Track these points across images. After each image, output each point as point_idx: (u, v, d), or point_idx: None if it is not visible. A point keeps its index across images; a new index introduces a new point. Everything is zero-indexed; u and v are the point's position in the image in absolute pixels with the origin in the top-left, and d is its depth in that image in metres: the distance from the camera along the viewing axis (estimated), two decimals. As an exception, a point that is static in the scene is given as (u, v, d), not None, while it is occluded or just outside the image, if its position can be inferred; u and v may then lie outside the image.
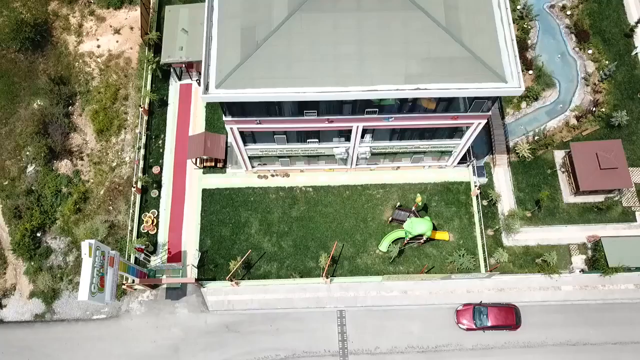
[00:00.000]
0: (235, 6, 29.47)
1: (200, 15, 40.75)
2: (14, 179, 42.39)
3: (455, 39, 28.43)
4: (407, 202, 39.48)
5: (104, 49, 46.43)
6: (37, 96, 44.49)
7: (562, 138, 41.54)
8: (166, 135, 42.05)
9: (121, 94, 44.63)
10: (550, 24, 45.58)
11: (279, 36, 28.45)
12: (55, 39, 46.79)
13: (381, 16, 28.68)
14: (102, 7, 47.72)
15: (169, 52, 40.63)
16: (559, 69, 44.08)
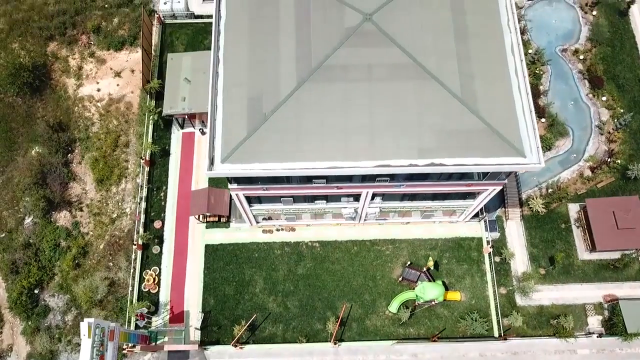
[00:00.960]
0: (241, 74, 28.25)
1: (203, 63, 39.85)
2: (11, 231, 41.14)
3: (471, 110, 27.20)
4: (418, 259, 38.22)
5: (104, 93, 45.23)
6: (35, 143, 43.28)
7: (576, 190, 40.28)
8: (168, 187, 40.81)
9: (122, 140, 43.40)
10: (562, 68, 44.37)
11: (287, 108, 27.23)
12: (54, 82, 45.60)
13: (393, 86, 27.47)
14: (102, 48, 46.55)
15: (171, 103, 39.43)
16: (571, 116, 42.87)
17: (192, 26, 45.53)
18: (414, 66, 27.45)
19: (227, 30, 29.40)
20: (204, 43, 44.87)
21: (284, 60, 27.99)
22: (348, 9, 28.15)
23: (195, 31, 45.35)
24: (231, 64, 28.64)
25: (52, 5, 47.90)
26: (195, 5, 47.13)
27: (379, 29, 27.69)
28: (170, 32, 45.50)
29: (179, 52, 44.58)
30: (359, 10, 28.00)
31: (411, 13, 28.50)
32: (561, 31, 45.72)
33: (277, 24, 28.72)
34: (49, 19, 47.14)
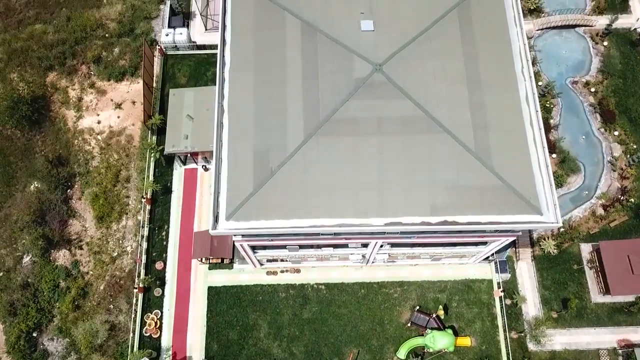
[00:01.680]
0: (246, 126, 27.27)
1: (206, 99, 38.99)
2: (9, 270, 40.15)
3: (485, 165, 26.22)
4: (426, 302, 37.22)
5: (104, 125, 44.24)
6: (34, 178, 42.29)
7: (588, 229, 39.26)
8: (170, 226, 39.79)
9: (122, 175, 42.41)
10: (573, 101, 43.37)
11: (295, 163, 26.25)
12: (53, 114, 44.63)
13: (404, 140, 26.49)
14: (102, 79, 45.56)
15: (173, 142, 38.46)
16: (583, 151, 41.88)
17: (195, 57, 44.56)
18: (426, 119, 26.47)
19: (231, 78, 28.43)
20: (207, 75, 43.92)
21: (291, 112, 27.02)
22: (357, 58, 27.17)
23: (198, 62, 44.38)
24: (236, 115, 27.66)
25: (52, 34, 46.91)
26: (197, 35, 46.21)
27: (389, 80, 26.70)
28: (172, 64, 44.53)
29: (181, 84, 43.67)
30: (369, 60, 27.01)
31: (423, 62, 27.54)
32: (571, 62, 44.74)
33: (284, 72, 27.76)
34: (49, 48, 46.16)
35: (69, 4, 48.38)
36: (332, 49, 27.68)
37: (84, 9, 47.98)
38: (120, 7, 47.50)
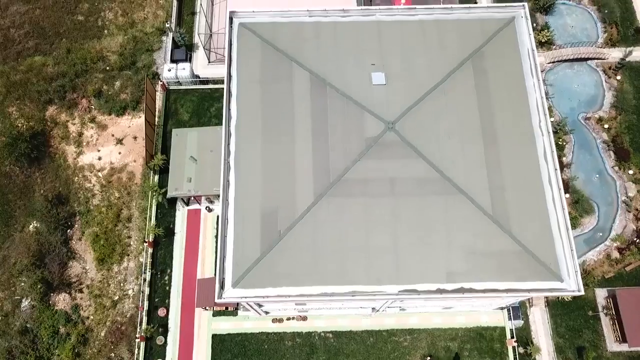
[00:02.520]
0: (254, 185, 26.21)
1: (209, 140, 37.99)
2: (8, 314, 39.04)
3: (503, 228, 25.15)
4: (437, 351, 36.10)
5: (105, 162, 43.16)
6: (33, 217, 41.22)
7: (603, 274, 38.15)
8: (173, 270, 38.69)
9: (124, 214, 41.32)
10: (586, 137, 42.29)
11: (304, 225, 25.19)
12: (53, 150, 43.56)
13: (419, 202, 25.44)
14: (103, 113, 44.52)
15: (176, 185, 37.41)
16: (596, 189, 40.79)
17: (198, 92, 43.52)
18: (441, 180, 25.42)
19: (238, 133, 27.37)
20: (210, 111, 42.86)
21: (300, 171, 25.98)
22: (368, 115, 26.14)
23: (201, 98, 43.33)
24: (243, 173, 26.60)
25: (52, 66, 45.89)
26: (200, 68, 45.20)
27: (402, 139, 25.65)
28: (174, 99, 43.49)
29: (183, 120, 42.65)
30: (381, 117, 25.96)
31: (437, 118, 26.50)
32: (584, 97, 43.67)
33: (293, 129, 26.73)
34: (48, 81, 45.13)
35: (69, 34, 47.39)
36: (342, 105, 26.66)
37: (84, 40, 46.99)
38: (121, 39, 46.48)
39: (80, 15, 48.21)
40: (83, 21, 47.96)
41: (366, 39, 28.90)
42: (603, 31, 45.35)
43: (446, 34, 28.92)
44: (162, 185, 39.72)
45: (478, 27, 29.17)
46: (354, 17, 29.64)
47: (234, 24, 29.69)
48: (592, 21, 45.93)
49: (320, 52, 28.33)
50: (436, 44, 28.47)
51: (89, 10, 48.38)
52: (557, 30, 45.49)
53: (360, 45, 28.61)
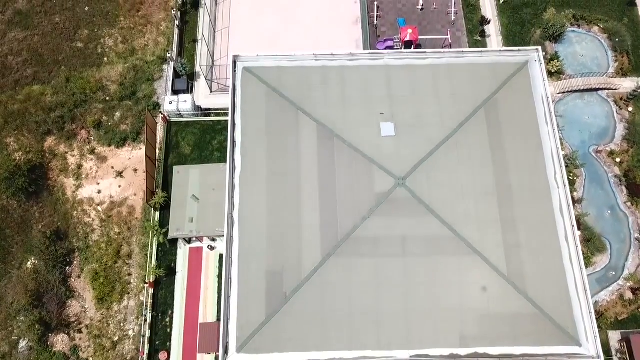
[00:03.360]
0: (259, 243, 25.31)
1: (212, 178, 37.04)
2: (5, 356, 38.04)
3: (518, 290, 24.20)
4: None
5: (105, 195, 42.17)
6: (31, 254, 40.23)
7: (616, 315, 37.11)
8: (174, 311, 37.63)
9: (124, 251, 40.32)
10: (597, 171, 41.28)
11: (311, 287, 24.24)
12: (52, 183, 42.56)
13: (431, 262, 24.51)
14: (103, 144, 43.53)
15: (177, 225, 36.44)
16: (608, 226, 39.77)
17: (200, 124, 42.50)
18: (454, 239, 24.47)
19: (242, 185, 26.43)
20: (212, 144, 41.81)
21: (307, 228, 25.09)
22: (378, 170, 25.19)
23: (203, 130, 42.32)
24: (247, 228, 25.70)
25: (50, 96, 44.93)
26: (202, 98, 44.20)
27: (413, 195, 24.68)
28: (176, 131, 42.46)
29: (185, 154, 41.65)
30: (390, 172, 25.01)
31: (449, 173, 25.55)
32: (595, 129, 42.66)
33: (299, 183, 25.82)
34: (47, 112, 44.16)
35: (68, 62, 46.45)
36: (350, 158, 25.72)
37: (83, 68, 46.03)
38: (121, 67, 45.52)
39: (80, 42, 47.28)
40: (82, 48, 47.02)
41: (374, 84, 27.95)
42: (614, 60, 44.37)
43: (457, 79, 27.99)
44: (163, 224, 38.73)
45: (490, 72, 28.23)
46: (362, 60, 28.68)
47: (238, 68, 28.75)
48: (602, 50, 44.94)
49: (327, 99, 27.38)
50: (447, 91, 27.52)
51: (89, 37, 47.44)
52: (567, 59, 44.51)
53: (368, 92, 27.68)
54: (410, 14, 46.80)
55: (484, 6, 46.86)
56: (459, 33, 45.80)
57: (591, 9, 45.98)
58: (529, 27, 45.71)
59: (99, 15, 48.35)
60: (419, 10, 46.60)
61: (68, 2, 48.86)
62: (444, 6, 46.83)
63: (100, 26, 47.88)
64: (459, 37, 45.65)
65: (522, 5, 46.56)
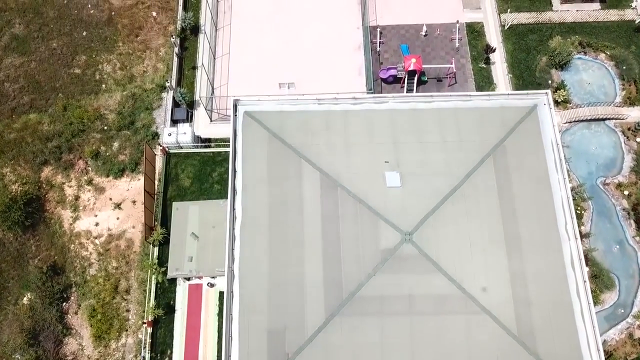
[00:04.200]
0: (260, 299, 24.50)
1: (211, 215, 36.31)
2: (0, 396, 37.31)
3: (528, 350, 23.43)
4: None
5: (102, 228, 41.36)
6: (27, 289, 39.42)
7: (625, 355, 36.33)
8: (173, 351, 36.75)
9: (122, 286, 39.51)
10: (605, 204, 40.48)
11: (315, 348, 23.43)
12: (48, 215, 41.75)
13: (438, 322, 23.74)
14: (101, 175, 42.74)
15: (176, 264, 35.64)
16: (617, 261, 38.96)
17: (199, 156, 41.67)
18: (462, 297, 23.71)
19: (243, 238, 25.59)
20: (212, 176, 41.01)
21: (310, 285, 24.31)
22: (383, 224, 24.39)
23: (203, 162, 41.49)
24: (248, 284, 24.89)
25: (47, 124, 44.18)
26: (202, 127, 43.42)
27: (420, 251, 23.87)
28: (175, 163, 41.62)
29: (184, 186, 40.83)
30: (397, 227, 24.20)
31: (457, 226, 24.75)
32: (602, 160, 41.85)
33: (302, 236, 25.04)
34: (44, 141, 43.39)
35: (66, 89, 45.67)
36: (355, 210, 24.91)
37: (81, 96, 45.24)
38: (119, 96, 44.74)
39: (77, 69, 46.49)
40: (80, 75, 46.24)
41: (379, 129, 27.18)
42: (621, 89, 43.60)
43: (464, 124, 27.20)
44: (162, 260, 37.90)
45: (498, 117, 27.43)
46: (366, 104, 27.87)
47: (239, 112, 27.98)
48: (609, 77, 44.16)
49: (330, 146, 26.58)
50: (454, 137, 26.73)
51: (86, 63, 46.66)
52: (573, 87, 43.72)
53: (372, 138, 26.90)
54: (414, 39, 45.98)
55: (489, 32, 46.05)
56: (463, 60, 45.00)
57: (598, 36, 45.18)
58: (534, 54, 44.90)
59: (97, 40, 47.58)
60: (423, 36, 45.75)
61: (65, 27, 48.09)
62: (447, 32, 46.00)
63: (98, 52, 47.09)
64: (464, 64, 44.86)
65: (528, 31, 45.77)
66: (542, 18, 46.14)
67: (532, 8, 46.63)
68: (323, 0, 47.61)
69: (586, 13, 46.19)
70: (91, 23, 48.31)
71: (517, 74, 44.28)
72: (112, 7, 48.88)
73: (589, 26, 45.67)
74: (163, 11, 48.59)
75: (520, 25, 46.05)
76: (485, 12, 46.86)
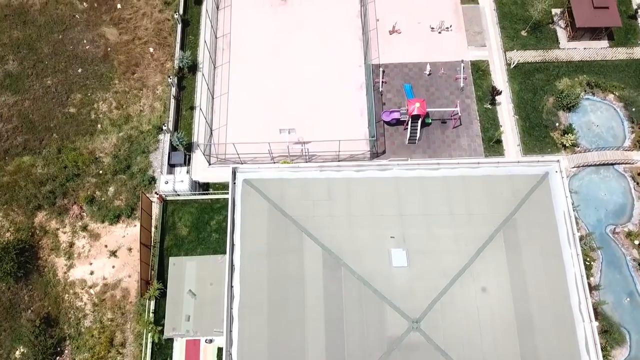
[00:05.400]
0: (260, 359, 23.24)
1: (209, 271, 35.21)
2: None
3: None
4: None
5: (97, 277, 40.18)
6: (19, 342, 38.26)
7: (637, 415, 35.22)
8: (170, 412, 35.73)
9: (117, 339, 38.34)
10: (614, 253, 39.33)
11: None
12: (42, 263, 40.57)
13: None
14: (96, 220, 41.55)
15: (173, 324, 34.54)
16: (627, 315, 37.81)
17: (197, 203, 40.52)
18: (473, 389, 22.46)
19: (241, 318, 24.44)
20: (210, 224, 39.85)
21: (312, 373, 23.02)
22: (389, 309, 23.24)
23: (201, 209, 40.32)
24: (247, 369, 23.67)
25: (41, 167, 42.99)
26: (199, 171, 42.27)
27: (428, 340, 22.73)
28: (172, 211, 40.48)
29: (182, 235, 39.69)
30: (404, 313, 23.10)
31: (466, 309, 23.71)
32: (611, 206, 40.70)
33: (303, 318, 24.00)
34: (37, 185, 42.19)
35: (60, 129, 44.48)
36: (359, 292, 23.84)
37: (76, 136, 44.05)
38: (115, 138, 43.55)
39: (72, 108, 45.30)
40: (75, 114, 45.05)
41: (383, 200, 26.05)
42: (630, 131, 42.50)
43: (473, 194, 26.06)
44: (158, 314, 36.75)
45: (508, 186, 26.31)
46: (370, 171, 26.70)
47: (238, 180, 26.84)
48: (618, 119, 43.06)
49: (333, 218, 25.45)
50: (462, 209, 25.61)
51: (82, 101, 45.47)
52: (581, 129, 42.60)
53: (377, 209, 25.78)
54: (417, 78, 44.84)
55: (494, 71, 44.92)
56: (469, 100, 43.87)
57: (606, 75, 44.07)
58: (541, 94, 43.78)
59: (93, 77, 46.40)
60: (426, 75, 44.61)
61: (60, 63, 46.91)
62: (452, 71, 44.88)
63: (93, 90, 45.91)
64: (469, 104, 43.72)
65: (534, 70, 44.62)
66: (548, 56, 45.00)
67: (538, 45, 45.48)
68: (324, 37, 46.49)
69: (594, 51, 45.07)
70: (87, 59, 47.11)
71: (524, 116, 43.15)
72: (108, 43, 47.68)
73: (597, 65, 44.56)
74: (160, 47, 47.39)
75: (527, 64, 44.92)
76: (490, 50, 45.75)
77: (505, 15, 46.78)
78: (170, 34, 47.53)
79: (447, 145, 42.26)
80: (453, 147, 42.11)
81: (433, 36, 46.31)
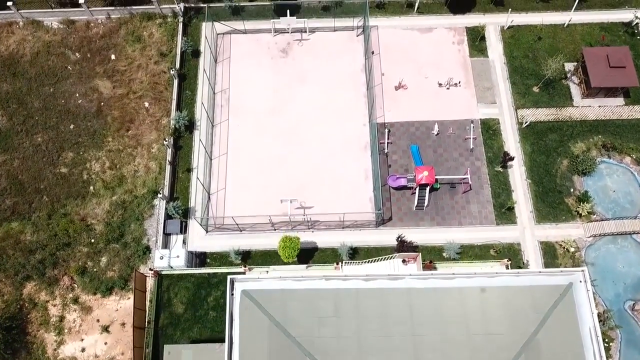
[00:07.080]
0: None
1: None
2: None
3: None
4: None
5: (89, 354, 38.20)
6: None
7: None
8: None
9: None
10: (634, 331, 37.36)
11: None
12: (31, 339, 38.58)
13: None
14: (88, 292, 39.55)
15: (168, 421, 32.41)
16: (648, 399, 35.88)
17: (194, 277, 38.43)
18: None
19: None
20: (207, 301, 37.79)
21: None
22: None
23: (197, 284, 38.22)
24: None
25: (30, 234, 40.95)
26: (196, 240, 40.32)
27: None
28: (167, 286, 38.36)
29: (177, 313, 37.61)
30: None
31: None
32: (630, 280, 38.70)
33: None
34: (26, 254, 40.16)
35: (51, 190, 42.44)
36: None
37: (67, 199, 41.99)
38: (108, 203, 41.49)
39: (64, 167, 43.26)
40: (66, 174, 43.02)
41: (395, 315, 24.03)
42: (648, 198, 40.51)
43: (492, 310, 24.07)
44: (152, 404, 34.77)
45: (529, 299, 24.31)
46: (379, 281, 24.71)
47: (236, 291, 24.77)
48: (635, 184, 41.08)
49: (340, 340, 23.45)
50: (480, 328, 23.58)
51: (74, 160, 43.43)
52: (597, 195, 40.62)
53: (388, 328, 23.73)
54: (425, 138, 42.84)
55: (505, 130, 42.94)
56: (479, 162, 41.88)
57: (622, 136, 42.10)
58: (554, 156, 41.80)
59: (85, 134, 44.37)
60: (434, 135, 42.63)
61: (52, 119, 44.91)
62: (461, 130, 42.90)
63: (86, 148, 43.89)
64: (479, 166, 41.73)
65: (547, 130, 42.63)
66: (562, 115, 43.02)
67: (551, 103, 43.50)
68: (326, 93, 44.50)
69: (609, 109, 43.13)
70: (79, 114, 45.08)
71: (536, 180, 41.17)
72: (101, 97, 45.66)
73: (613, 124, 42.60)
74: (156, 102, 45.34)
75: (539, 123, 42.95)
76: (501, 107, 43.78)
77: (516, 70, 44.81)
78: (166, 87, 45.50)
79: (456, 212, 40.33)
80: (463, 214, 40.18)
81: (441, 92, 44.33)
